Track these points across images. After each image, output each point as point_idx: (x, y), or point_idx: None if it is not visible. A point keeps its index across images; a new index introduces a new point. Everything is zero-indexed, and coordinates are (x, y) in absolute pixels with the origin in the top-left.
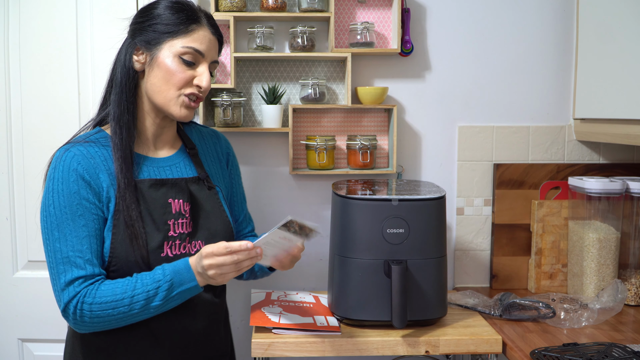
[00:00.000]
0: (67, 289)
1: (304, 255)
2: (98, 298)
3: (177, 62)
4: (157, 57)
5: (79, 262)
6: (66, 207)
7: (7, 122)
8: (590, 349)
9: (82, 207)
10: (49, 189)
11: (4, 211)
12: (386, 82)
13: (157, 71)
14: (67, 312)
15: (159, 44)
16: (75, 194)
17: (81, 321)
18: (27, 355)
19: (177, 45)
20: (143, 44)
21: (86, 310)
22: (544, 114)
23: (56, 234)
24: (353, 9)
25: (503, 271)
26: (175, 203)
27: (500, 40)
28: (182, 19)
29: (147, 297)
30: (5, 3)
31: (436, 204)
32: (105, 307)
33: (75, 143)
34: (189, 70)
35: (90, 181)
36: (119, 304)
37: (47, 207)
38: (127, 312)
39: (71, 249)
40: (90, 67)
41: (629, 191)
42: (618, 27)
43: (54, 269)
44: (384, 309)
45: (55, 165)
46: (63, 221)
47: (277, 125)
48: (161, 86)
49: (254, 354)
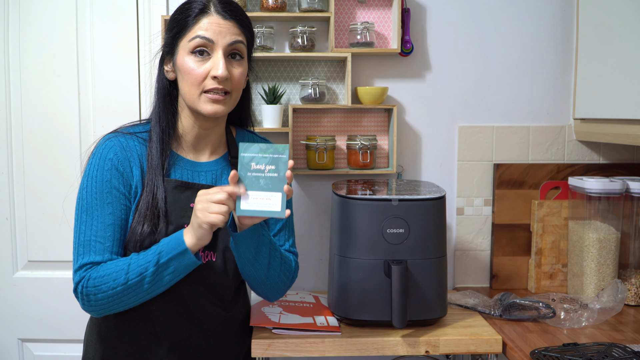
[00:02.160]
0: (79, 270)
1: (304, 255)
2: (100, 272)
3: (191, 59)
4: (176, 62)
5: (98, 248)
6: (97, 193)
7: (7, 122)
8: (590, 349)
9: (111, 195)
10: (86, 173)
11: (4, 211)
12: (386, 82)
13: (180, 75)
14: (76, 292)
15: (176, 47)
16: (107, 182)
17: (87, 300)
18: (27, 355)
19: (186, 42)
20: (167, 54)
21: (90, 287)
22: (544, 114)
23: (84, 217)
24: (353, 9)
25: (503, 271)
26: None
27: (500, 40)
28: (188, 14)
29: (142, 268)
30: (5, 3)
31: (436, 204)
32: (104, 281)
33: (118, 134)
34: (204, 65)
35: (123, 172)
36: (117, 275)
37: (81, 190)
38: (125, 284)
39: (94, 234)
40: (90, 67)
41: (629, 191)
42: (618, 27)
43: (75, 249)
44: (384, 309)
45: (95, 152)
46: (92, 205)
47: (277, 125)
48: (185, 88)
49: (254, 354)
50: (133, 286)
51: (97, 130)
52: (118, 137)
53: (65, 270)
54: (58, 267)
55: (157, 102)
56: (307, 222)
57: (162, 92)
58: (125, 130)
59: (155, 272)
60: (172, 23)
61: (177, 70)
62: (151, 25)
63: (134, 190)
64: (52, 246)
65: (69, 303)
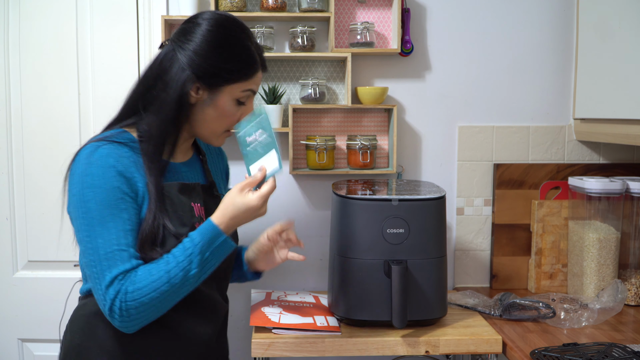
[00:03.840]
0: (111, 286)
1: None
2: (136, 284)
3: (233, 105)
4: (217, 100)
5: (124, 256)
6: (107, 202)
7: (7, 122)
8: (590, 349)
9: (124, 202)
10: (86, 184)
11: (4, 211)
12: (386, 82)
13: (211, 110)
14: (112, 310)
15: (221, 86)
16: (117, 189)
17: (128, 315)
18: (27, 355)
19: (237, 90)
20: (204, 83)
21: (130, 300)
22: (544, 114)
23: (98, 230)
24: (353, 9)
25: (503, 271)
26: (196, 207)
27: (500, 40)
28: (245, 66)
29: (183, 268)
30: (5, 3)
31: (436, 204)
32: (146, 292)
33: (107, 142)
34: (239, 110)
35: (130, 178)
36: (158, 283)
37: (86, 203)
38: (168, 290)
39: (115, 243)
40: (90, 67)
41: (629, 191)
42: (618, 27)
43: (97, 266)
44: (384, 309)
45: (89, 161)
46: (105, 216)
47: (277, 125)
48: (213, 124)
49: (254, 354)
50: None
51: (97, 130)
52: (108, 144)
53: (65, 270)
54: (58, 267)
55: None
56: (307, 222)
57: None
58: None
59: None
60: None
61: (210, 103)
62: (151, 25)
63: (141, 196)
64: (52, 246)
65: (69, 303)
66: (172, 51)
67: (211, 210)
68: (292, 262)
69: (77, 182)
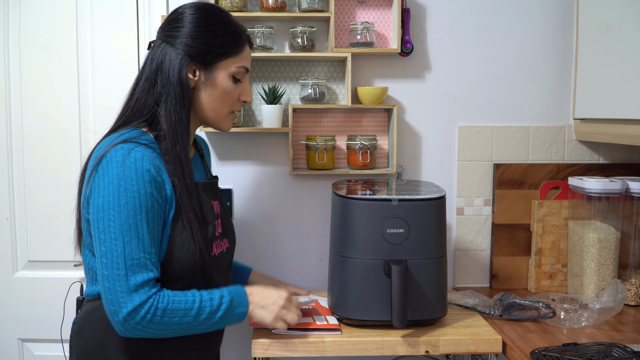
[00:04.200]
0: (138, 291)
1: (304, 255)
2: (172, 305)
3: (230, 82)
4: (214, 78)
5: (149, 265)
6: (143, 207)
7: (7, 122)
8: (590, 349)
9: (154, 210)
10: (121, 188)
11: (4, 211)
12: (386, 82)
13: (212, 90)
14: (133, 315)
15: (215, 64)
16: (151, 195)
17: (145, 327)
18: (27, 355)
19: (231, 66)
20: (199, 63)
21: (158, 317)
22: (544, 114)
23: (131, 235)
24: (353, 9)
25: (503, 271)
26: (215, 204)
27: (500, 40)
28: (233, 39)
29: (211, 309)
30: (5, 3)
31: (436, 204)
32: (178, 315)
33: (136, 144)
34: (237, 89)
35: (160, 182)
36: (189, 313)
37: (121, 207)
38: (191, 322)
39: (143, 251)
40: (90, 67)
41: (629, 191)
42: (618, 27)
43: (120, 269)
44: (384, 309)
45: (124, 164)
46: (138, 222)
47: (277, 125)
48: (215, 104)
49: (254, 354)
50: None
51: (97, 130)
52: (139, 147)
53: (65, 270)
54: (58, 267)
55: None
56: (307, 222)
57: (185, 99)
58: (136, 140)
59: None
60: (215, 39)
61: (209, 84)
62: (151, 25)
63: (168, 202)
64: (52, 246)
65: (67, 304)
66: (162, 44)
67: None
68: (293, 262)
69: (111, 185)
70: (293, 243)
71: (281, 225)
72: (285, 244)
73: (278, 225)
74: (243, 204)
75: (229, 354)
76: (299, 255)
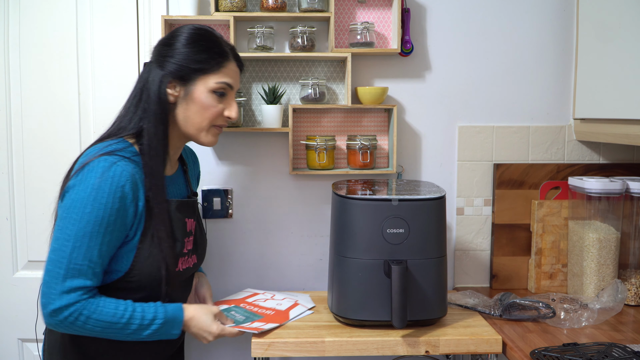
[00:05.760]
0: (70, 294)
1: (304, 255)
2: (97, 314)
3: (211, 97)
4: (192, 93)
5: (89, 274)
6: (104, 220)
7: (7, 122)
8: (590, 349)
9: (115, 225)
10: (91, 197)
11: (4, 211)
12: (386, 82)
13: (191, 105)
14: (57, 313)
15: (193, 80)
16: (117, 211)
17: (67, 327)
18: (27, 355)
19: (210, 82)
20: (177, 79)
21: (81, 322)
22: (544, 114)
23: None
24: (353, 9)
25: (503, 271)
26: (189, 222)
27: (500, 40)
28: (214, 55)
29: (141, 325)
30: (5, 3)
31: (436, 204)
32: (101, 325)
33: (119, 157)
34: (220, 104)
35: (134, 200)
36: (115, 325)
37: (85, 214)
38: (117, 333)
39: (88, 260)
40: (90, 67)
41: (629, 191)
42: (618, 27)
43: (61, 268)
44: (384, 309)
45: (102, 176)
46: (94, 232)
47: (277, 125)
48: (195, 118)
49: (254, 354)
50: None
51: (97, 130)
52: (122, 161)
53: None
54: None
55: (155, 125)
56: (307, 222)
57: (164, 115)
58: (120, 153)
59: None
60: (195, 55)
61: (188, 99)
62: (151, 25)
63: (140, 215)
64: None
65: None
66: (151, 64)
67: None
68: (293, 262)
69: (84, 191)
70: (293, 243)
71: (281, 225)
72: (285, 244)
73: (278, 225)
74: (243, 204)
75: (229, 354)
76: (299, 255)
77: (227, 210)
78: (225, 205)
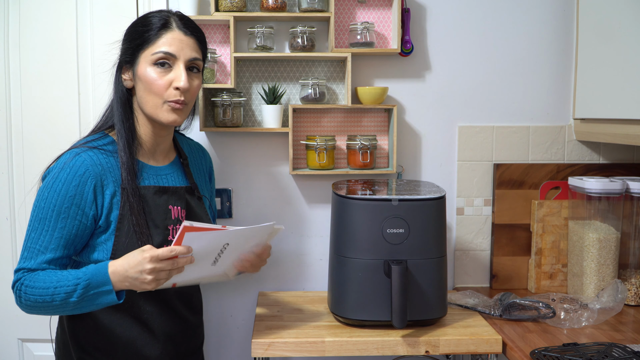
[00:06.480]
0: (17, 272)
1: (304, 255)
2: (32, 282)
3: (153, 70)
4: (137, 72)
5: (39, 258)
6: (55, 207)
7: (7, 122)
8: (590, 349)
9: (69, 212)
10: (49, 185)
11: (4, 211)
12: (386, 82)
13: (140, 84)
14: (13, 289)
15: (137, 58)
16: (70, 198)
17: (19, 300)
18: (27, 355)
19: (149, 54)
20: (126, 64)
21: (23, 292)
22: (544, 114)
23: (36, 225)
24: (353, 9)
25: (503, 271)
26: (174, 210)
27: (500, 40)
28: (150, 28)
29: (67, 292)
30: (5, 3)
31: (436, 204)
32: (34, 293)
33: (86, 148)
34: (166, 76)
35: (95, 188)
36: (44, 292)
37: (40, 201)
38: (50, 302)
39: (39, 244)
40: (90, 67)
41: (629, 191)
42: (618, 27)
43: (23, 250)
44: (384, 309)
45: (64, 166)
46: (47, 217)
47: (277, 125)
48: (146, 97)
49: (254, 354)
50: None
51: None
52: (87, 152)
53: None
54: None
55: (118, 110)
56: (307, 222)
57: (122, 100)
58: (90, 144)
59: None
60: (132, 35)
61: (137, 79)
62: None
63: (108, 204)
64: None
65: None
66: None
67: (193, 211)
68: (292, 262)
69: (48, 182)
70: (293, 243)
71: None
72: (285, 244)
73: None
74: (243, 204)
75: (229, 354)
76: (299, 255)
77: (227, 210)
78: (226, 205)
